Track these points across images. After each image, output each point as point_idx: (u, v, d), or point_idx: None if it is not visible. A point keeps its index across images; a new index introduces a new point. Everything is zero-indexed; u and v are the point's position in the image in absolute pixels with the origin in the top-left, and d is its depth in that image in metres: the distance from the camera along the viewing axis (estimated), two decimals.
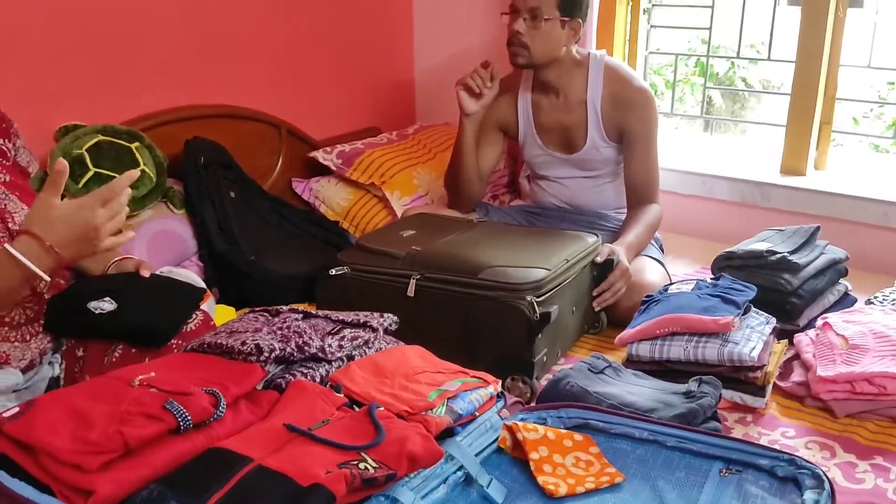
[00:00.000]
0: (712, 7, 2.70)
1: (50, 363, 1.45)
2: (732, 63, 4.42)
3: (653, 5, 2.83)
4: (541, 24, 2.03)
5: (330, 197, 2.47)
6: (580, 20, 2.08)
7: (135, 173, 1.31)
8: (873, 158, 2.92)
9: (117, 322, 1.41)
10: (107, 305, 1.44)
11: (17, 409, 1.06)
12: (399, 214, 2.34)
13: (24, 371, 1.38)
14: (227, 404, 1.10)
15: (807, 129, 2.39)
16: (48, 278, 1.24)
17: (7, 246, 1.20)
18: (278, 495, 0.95)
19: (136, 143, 2.00)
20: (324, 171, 2.54)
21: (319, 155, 2.52)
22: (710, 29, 2.75)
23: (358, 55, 2.79)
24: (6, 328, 1.37)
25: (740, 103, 4.82)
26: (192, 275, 1.74)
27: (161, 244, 1.96)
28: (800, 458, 1.13)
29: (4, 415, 1.06)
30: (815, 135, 2.41)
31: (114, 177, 1.90)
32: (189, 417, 1.05)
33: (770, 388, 1.62)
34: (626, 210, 2.19)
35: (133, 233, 1.39)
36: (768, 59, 2.70)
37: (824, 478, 1.08)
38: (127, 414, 1.04)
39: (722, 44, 3.82)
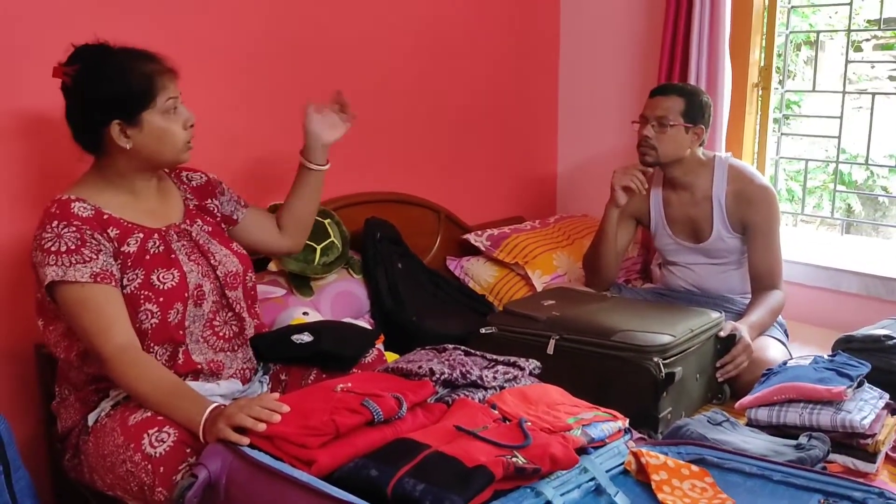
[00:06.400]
0: (840, 117, 2.90)
1: (260, 381, 1.82)
2: (872, 172, 4.51)
3: (784, 116, 3.06)
4: (667, 129, 2.33)
5: (478, 274, 2.81)
6: (703, 126, 2.36)
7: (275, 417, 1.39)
8: None
9: (314, 349, 1.77)
10: (306, 338, 1.82)
11: None
12: (539, 291, 2.64)
13: (243, 382, 1.76)
14: (407, 407, 1.41)
15: None
16: (200, 433, 1.43)
17: (211, 408, 1.45)
18: (451, 471, 1.23)
19: (328, 220, 2.43)
20: (474, 251, 2.89)
21: (471, 237, 2.88)
22: (839, 137, 2.94)
23: (508, 154, 3.19)
24: (221, 341, 1.73)
25: (881, 211, 4.84)
26: (365, 325, 2.11)
27: (342, 301, 2.35)
28: (889, 491, 1.29)
29: None
30: None
31: (311, 245, 2.34)
32: (381, 412, 1.37)
33: (882, 456, 1.74)
34: (750, 295, 2.38)
35: (264, 425, 1.36)
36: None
37: None
38: (336, 408, 1.38)
39: (861, 152, 3.96)
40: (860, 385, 1.82)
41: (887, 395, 1.83)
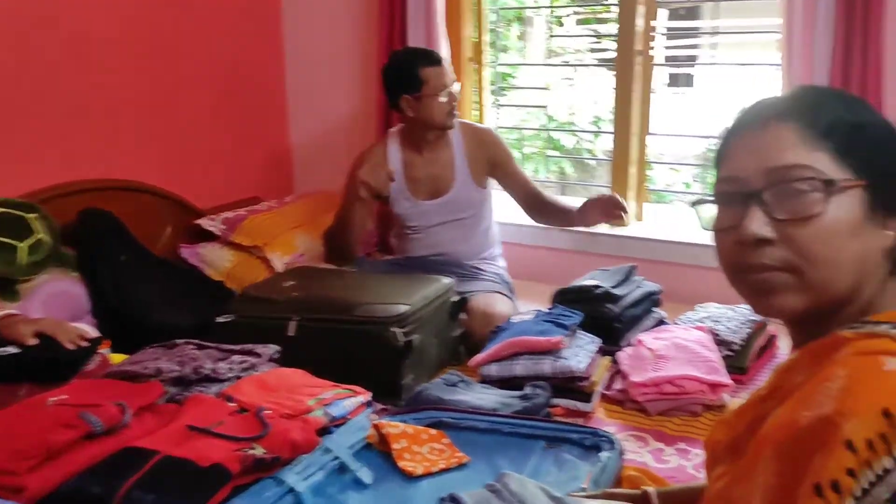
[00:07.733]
0: (547, 88, 3.18)
1: None
2: (579, 137, 5.01)
3: (500, 87, 3.27)
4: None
5: (215, 260, 2.67)
6: None
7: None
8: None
9: (22, 360, 1.59)
10: (11, 349, 1.62)
11: None
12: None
13: None
14: (132, 413, 1.32)
15: (625, 187, 2.84)
16: None
17: None
18: (184, 475, 1.18)
19: (34, 214, 2.17)
20: (209, 236, 2.75)
21: (204, 222, 2.74)
22: (545, 107, 3.22)
23: (238, 133, 3.08)
24: None
25: (590, 172, 5.41)
26: (87, 328, 1.93)
27: (57, 303, 2.12)
28: (601, 430, 1.46)
29: None
30: (633, 192, 2.86)
31: (12, 244, 2.08)
32: (101, 423, 1.26)
33: (597, 395, 1.95)
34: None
35: None
36: (598, 132, 3.19)
37: (615, 440, 1.41)
38: (47, 426, 1.25)
39: (569, 119, 4.35)
40: (574, 332, 2.02)
41: (599, 340, 2.05)
